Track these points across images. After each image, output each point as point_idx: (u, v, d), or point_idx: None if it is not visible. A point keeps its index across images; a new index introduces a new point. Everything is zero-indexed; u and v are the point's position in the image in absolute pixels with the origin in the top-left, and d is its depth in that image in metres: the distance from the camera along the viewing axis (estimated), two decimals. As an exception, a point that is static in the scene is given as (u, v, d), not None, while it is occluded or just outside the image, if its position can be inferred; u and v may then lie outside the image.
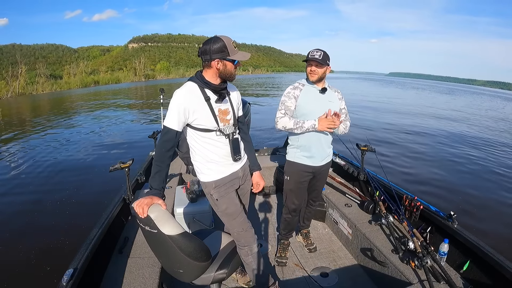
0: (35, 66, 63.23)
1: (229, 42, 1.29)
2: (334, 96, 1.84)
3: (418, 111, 14.90)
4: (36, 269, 2.74)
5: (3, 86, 38.61)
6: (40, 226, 3.57)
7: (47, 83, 49.29)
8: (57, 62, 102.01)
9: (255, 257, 1.52)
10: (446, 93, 38.46)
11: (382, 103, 17.94)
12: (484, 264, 1.49)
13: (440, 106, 18.13)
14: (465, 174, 5.54)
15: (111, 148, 7.39)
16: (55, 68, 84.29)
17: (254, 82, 43.71)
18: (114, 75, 72.26)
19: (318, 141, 1.83)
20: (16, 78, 43.52)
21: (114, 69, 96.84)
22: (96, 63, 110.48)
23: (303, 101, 1.77)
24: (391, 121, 11.03)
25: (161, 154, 1.31)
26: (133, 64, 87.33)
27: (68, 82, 54.18)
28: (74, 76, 63.31)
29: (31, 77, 49.85)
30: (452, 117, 13.50)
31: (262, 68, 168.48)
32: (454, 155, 6.75)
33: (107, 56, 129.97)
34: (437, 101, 22.50)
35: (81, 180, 5.11)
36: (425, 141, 8.10)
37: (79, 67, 74.58)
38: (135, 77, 74.26)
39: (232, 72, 1.34)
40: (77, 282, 1.27)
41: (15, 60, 55.71)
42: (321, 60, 1.67)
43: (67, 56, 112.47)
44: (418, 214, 1.93)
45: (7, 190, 4.85)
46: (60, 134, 9.53)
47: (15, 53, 75.57)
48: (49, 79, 55.18)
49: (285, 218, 2.10)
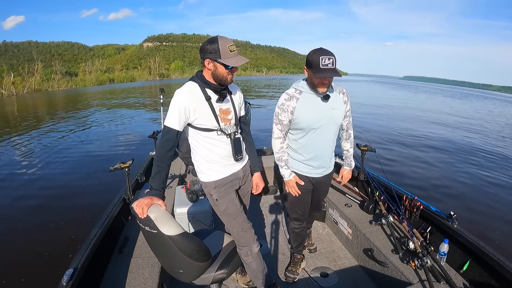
0: (51, 63, 64.21)
1: (225, 45, 1.23)
2: (338, 100, 1.57)
3: (422, 114, 14.83)
4: (36, 269, 2.74)
5: (19, 82, 39.35)
6: (40, 226, 3.57)
7: (62, 80, 50.35)
8: (73, 59, 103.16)
9: (255, 257, 1.52)
10: (457, 97, 38.05)
11: (385, 105, 17.92)
12: (484, 264, 1.49)
13: (445, 110, 18.01)
14: (465, 174, 5.54)
15: (112, 148, 7.39)
16: (70, 66, 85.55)
17: (265, 83, 43.47)
18: (129, 73, 73.42)
19: (320, 154, 1.65)
20: (32, 74, 44.21)
21: (129, 67, 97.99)
22: (111, 61, 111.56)
23: (301, 113, 1.52)
24: (392, 121, 11.03)
25: (162, 154, 1.31)
26: (148, 63, 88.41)
27: (83, 80, 55.34)
28: (90, 74, 64.40)
29: (47, 73, 50.88)
30: (454, 120, 13.47)
31: (276, 69, 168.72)
32: (455, 155, 6.75)
33: (122, 55, 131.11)
34: (444, 105, 22.37)
35: (81, 180, 5.10)
36: (425, 141, 8.10)
37: (95, 65, 75.65)
38: (150, 76, 75.43)
39: (224, 75, 1.29)
40: (77, 282, 1.27)
41: (31, 57, 56.54)
42: (336, 70, 1.41)
43: (83, 54, 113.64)
44: (418, 214, 1.93)
45: (7, 189, 4.85)
46: (65, 131, 9.59)
47: (31, 50, 76.63)
48: (65, 76, 56.40)
49: (292, 229, 1.91)
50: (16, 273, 2.72)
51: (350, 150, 1.79)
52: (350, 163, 1.83)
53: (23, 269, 2.77)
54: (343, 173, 1.86)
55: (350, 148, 1.79)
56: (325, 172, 1.72)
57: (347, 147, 1.79)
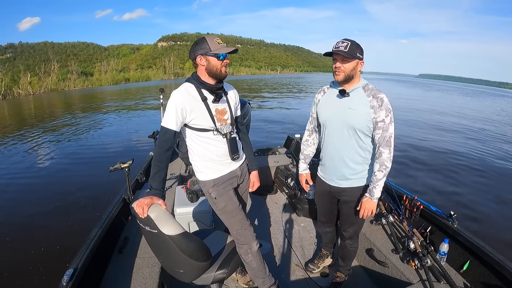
0: (67, 63, 65.31)
1: (212, 39, 1.30)
2: (362, 101, 1.36)
3: (427, 109, 14.81)
4: (36, 269, 2.74)
5: (35, 82, 40.18)
6: (40, 226, 3.57)
7: (78, 80, 51.28)
8: (88, 59, 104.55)
9: (255, 256, 1.51)
10: (470, 95, 38.16)
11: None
12: (484, 264, 1.49)
13: (451, 107, 17.97)
14: (465, 174, 5.54)
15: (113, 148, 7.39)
16: (85, 66, 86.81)
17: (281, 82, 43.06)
18: (144, 73, 74.55)
19: (330, 159, 1.53)
20: (49, 74, 45.10)
21: (144, 67, 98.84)
22: (126, 61, 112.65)
23: (322, 107, 1.51)
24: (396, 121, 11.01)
25: (160, 154, 1.32)
26: (163, 63, 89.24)
27: (99, 79, 56.30)
28: (105, 74, 65.25)
29: (62, 73, 51.80)
30: (458, 116, 13.47)
31: (290, 68, 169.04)
32: (455, 155, 6.74)
33: (137, 55, 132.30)
34: (454, 102, 22.33)
35: (81, 180, 5.11)
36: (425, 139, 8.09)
37: (110, 64, 76.70)
38: (165, 75, 76.32)
39: (218, 67, 1.33)
40: (77, 282, 1.27)
41: (47, 57, 57.79)
42: (347, 52, 1.28)
43: (98, 54, 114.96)
44: (418, 214, 1.93)
45: (7, 189, 4.85)
46: (68, 132, 9.66)
47: (47, 51, 78.45)
48: (80, 76, 57.21)
49: (318, 230, 2.00)
50: (17, 273, 2.72)
51: (377, 174, 1.38)
52: (372, 190, 1.40)
53: (23, 269, 2.77)
54: (362, 201, 1.45)
55: (377, 171, 1.38)
56: (339, 184, 1.52)
57: (374, 169, 1.40)
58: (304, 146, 1.71)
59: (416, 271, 1.60)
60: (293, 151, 3.41)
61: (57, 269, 2.55)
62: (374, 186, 1.40)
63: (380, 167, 1.37)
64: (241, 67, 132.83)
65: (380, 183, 1.39)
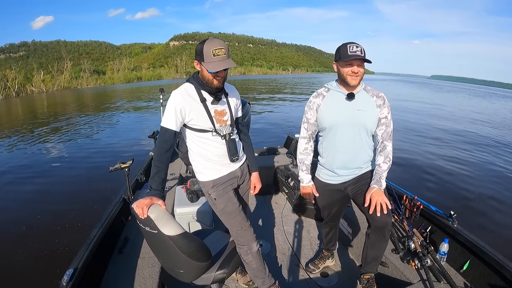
0: (79, 62, 65.54)
1: (209, 49, 1.23)
2: (368, 102, 1.43)
3: (424, 112, 14.80)
4: (36, 269, 2.74)
5: (48, 80, 40.60)
6: (39, 226, 3.57)
7: (91, 78, 51.85)
8: (100, 58, 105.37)
9: (255, 256, 1.51)
10: (480, 96, 38.13)
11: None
12: (484, 263, 1.49)
13: (458, 107, 17.88)
14: (465, 174, 5.54)
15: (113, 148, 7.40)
16: (98, 64, 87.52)
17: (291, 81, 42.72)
18: (156, 71, 75.54)
19: (342, 159, 1.50)
20: (61, 72, 45.38)
21: (156, 66, 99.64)
22: (138, 60, 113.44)
23: (325, 111, 1.47)
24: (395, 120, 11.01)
25: (160, 154, 1.32)
26: (175, 62, 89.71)
27: (111, 78, 57.03)
28: (118, 72, 66.05)
29: (75, 72, 52.10)
30: (460, 117, 13.45)
31: (302, 68, 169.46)
32: (455, 154, 6.74)
33: (149, 53, 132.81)
34: (462, 103, 22.27)
35: (81, 180, 5.11)
36: (425, 140, 8.10)
37: (122, 63, 77.69)
38: (177, 74, 77.21)
39: (208, 78, 1.29)
40: (77, 282, 1.27)
41: (60, 56, 58.41)
42: (364, 57, 1.31)
43: (110, 52, 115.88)
44: (418, 214, 1.93)
45: (7, 188, 4.85)
46: (75, 131, 9.76)
47: (60, 49, 79.30)
48: (93, 74, 57.84)
49: (322, 228, 1.93)
50: (17, 273, 2.72)
51: (382, 165, 1.45)
52: (379, 180, 1.44)
53: (24, 269, 2.77)
54: (371, 192, 1.42)
55: (382, 163, 1.45)
56: (353, 173, 1.53)
57: (379, 161, 1.46)
58: (304, 156, 1.60)
59: (416, 271, 1.60)
60: (293, 151, 3.41)
61: (57, 269, 2.56)
62: (380, 177, 1.45)
63: (385, 159, 1.45)
64: (252, 66, 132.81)
65: (385, 174, 1.46)
